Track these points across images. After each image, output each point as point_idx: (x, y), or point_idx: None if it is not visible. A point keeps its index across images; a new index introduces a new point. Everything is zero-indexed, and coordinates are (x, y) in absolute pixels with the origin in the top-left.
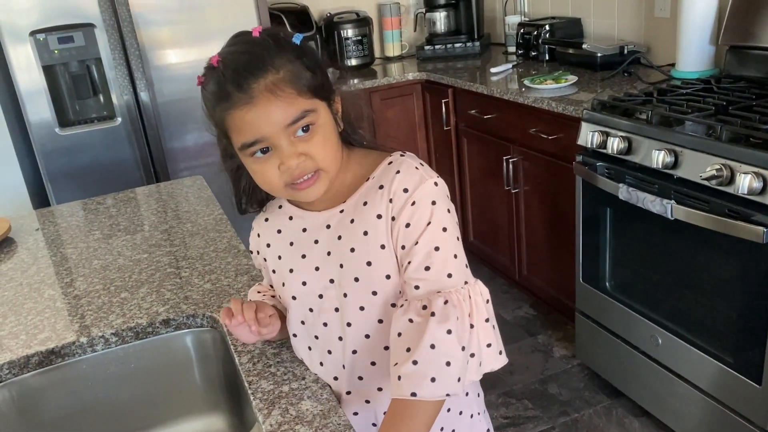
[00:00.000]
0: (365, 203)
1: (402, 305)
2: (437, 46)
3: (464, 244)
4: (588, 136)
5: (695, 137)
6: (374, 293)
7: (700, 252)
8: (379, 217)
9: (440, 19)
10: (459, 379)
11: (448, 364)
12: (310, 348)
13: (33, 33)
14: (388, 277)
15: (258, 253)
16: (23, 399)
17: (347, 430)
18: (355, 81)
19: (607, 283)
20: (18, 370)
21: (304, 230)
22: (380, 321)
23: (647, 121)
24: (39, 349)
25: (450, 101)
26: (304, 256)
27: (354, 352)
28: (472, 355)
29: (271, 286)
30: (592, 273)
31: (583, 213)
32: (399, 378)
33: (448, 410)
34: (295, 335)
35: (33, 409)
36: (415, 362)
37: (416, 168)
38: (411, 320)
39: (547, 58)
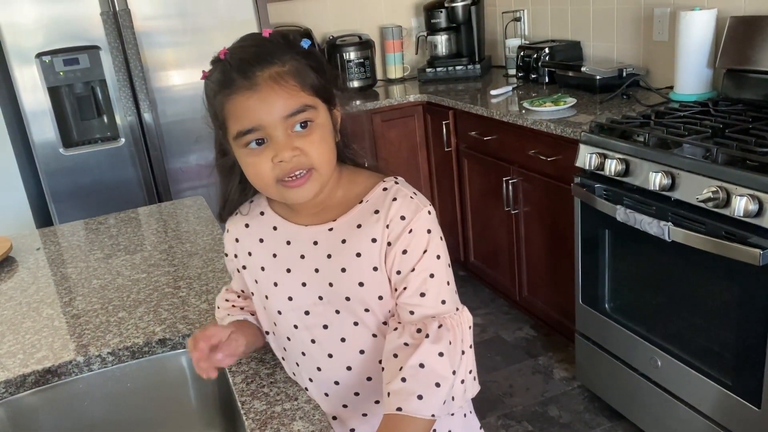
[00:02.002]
0: (359, 225)
1: (396, 328)
2: (438, 69)
3: (465, 265)
4: (586, 158)
5: (692, 160)
6: (366, 310)
7: (697, 274)
8: (374, 240)
9: (442, 42)
10: (444, 402)
11: (437, 384)
12: (298, 364)
13: (39, 55)
14: (380, 297)
15: (236, 257)
16: (19, 418)
17: None
18: (357, 102)
19: (606, 305)
20: (14, 389)
21: (288, 243)
22: (374, 335)
23: (645, 143)
24: (36, 368)
25: (451, 123)
26: (289, 270)
27: (348, 368)
28: (462, 381)
29: (242, 291)
30: (591, 294)
31: (582, 234)
32: (388, 394)
33: None
34: (285, 349)
35: (28, 428)
36: (403, 379)
37: (411, 197)
38: (406, 343)
39: (546, 80)
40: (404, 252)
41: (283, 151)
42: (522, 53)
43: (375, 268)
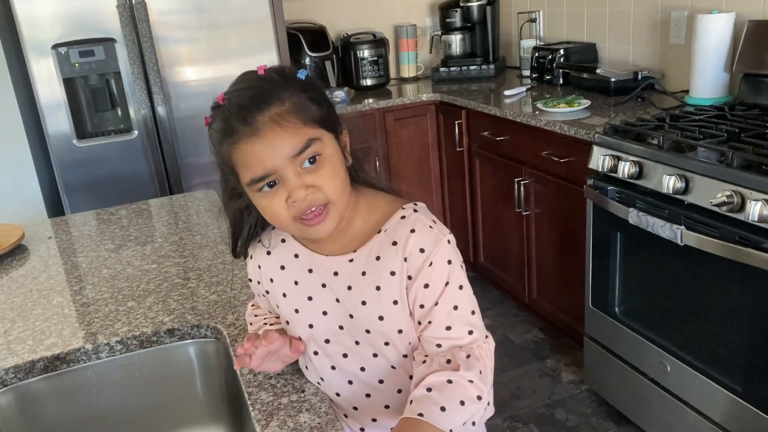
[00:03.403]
0: (378, 258)
1: (424, 361)
2: (452, 68)
3: (475, 266)
4: (599, 159)
5: (706, 163)
6: (386, 344)
7: (709, 279)
8: (393, 273)
9: (456, 41)
10: (464, 423)
11: (462, 403)
12: (322, 379)
13: (55, 46)
14: (400, 331)
15: (259, 283)
16: (27, 403)
17: None
18: (370, 100)
19: (616, 309)
20: (23, 374)
21: (310, 271)
22: (393, 367)
23: (659, 146)
24: (45, 354)
25: (463, 122)
26: (310, 298)
27: (367, 395)
28: (489, 404)
29: (270, 311)
30: (601, 298)
31: (593, 237)
32: (410, 402)
33: None
34: (307, 368)
35: (36, 413)
36: (429, 389)
37: (430, 227)
38: (435, 371)
39: (561, 82)
40: (426, 286)
41: (296, 192)
42: (537, 54)
43: (395, 302)
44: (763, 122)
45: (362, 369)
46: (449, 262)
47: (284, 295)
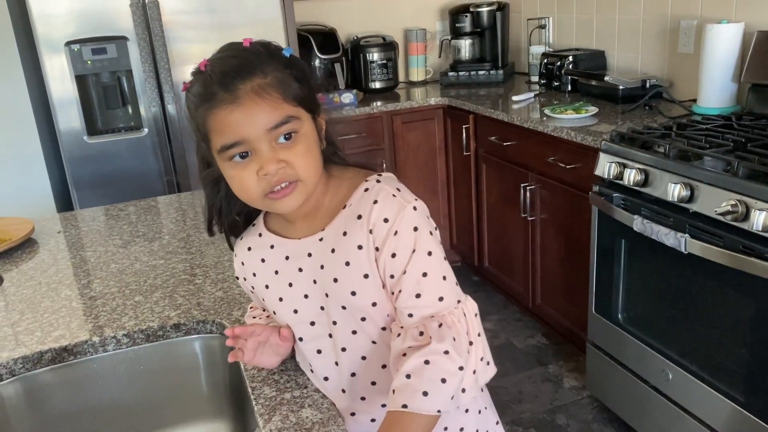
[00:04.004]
0: (345, 233)
1: (399, 334)
2: (461, 73)
3: (479, 270)
4: (605, 166)
5: (712, 172)
6: (363, 319)
7: (713, 287)
8: (360, 247)
9: (465, 46)
10: (453, 397)
11: (443, 380)
12: (312, 371)
13: (68, 43)
14: (374, 304)
15: (245, 279)
16: (34, 393)
17: None
18: (379, 103)
19: (619, 315)
20: (31, 365)
21: (287, 258)
22: (374, 342)
23: (665, 154)
24: (53, 345)
25: (471, 127)
26: (291, 285)
27: (353, 374)
28: (474, 372)
29: (264, 309)
30: (605, 304)
31: (598, 243)
32: (393, 392)
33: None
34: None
35: (43, 403)
36: (408, 376)
37: (393, 195)
38: (410, 347)
39: (569, 88)
40: (393, 255)
41: (268, 164)
42: (545, 60)
43: (366, 276)
44: None
45: (343, 349)
46: (415, 228)
47: (267, 287)
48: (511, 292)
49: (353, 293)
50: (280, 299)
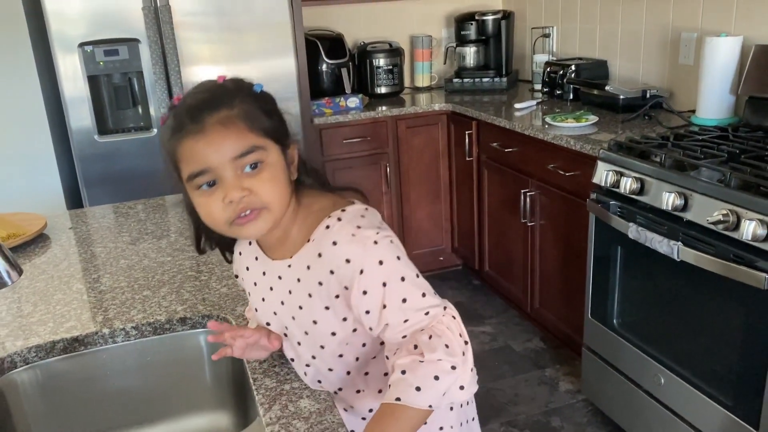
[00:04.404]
0: (308, 267)
1: (395, 353)
2: (465, 80)
3: (479, 274)
4: (603, 174)
5: (705, 182)
6: (321, 347)
7: (704, 295)
8: (321, 284)
9: (470, 53)
10: (444, 394)
11: (436, 378)
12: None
13: (81, 44)
14: (333, 334)
15: (236, 276)
16: (47, 381)
17: (340, 428)
18: (384, 108)
19: (614, 321)
20: (44, 354)
21: (264, 273)
22: (340, 356)
23: (661, 163)
24: (64, 336)
25: (474, 133)
26: (263, 300)
27: (319, 381)
28: (472, 369)
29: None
30: (600, 309)
31: (594, 250)
32: (389, 386)
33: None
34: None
35: (55, 391)
36: (403, 372)
37: (352, 234)
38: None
39: (571, 97)
40: (364, 293)
41: (233, 192)
42: (548, 69)
43: (327, 308)
44: (764, 144)
45: (314, 357)
46: (381, 262)
47: (249, 293)
48: (510, 296)
49: (315, 322)
50: (257, 309)
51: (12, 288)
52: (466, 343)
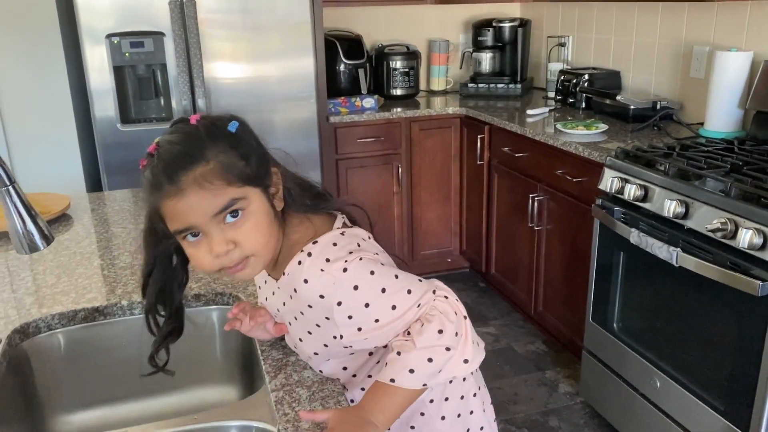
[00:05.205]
0: (291, 297)
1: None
2: (480, 85)
3: (486, 276)
4: (609, 181)
5: (706, 191)
6: (316, 354)
7: (701, 301)
8: (302, 313)
9: (486, 59)
10: (440, 371)
11: (429, 360)
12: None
13: (109, 36)
14: (326, 345)
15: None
16: (68, 346)
17: (339, 395)
18: (398, 109)
19: (615, 325)
20: (67, 321)
21: (274, 293)
22: (347, 349)
23: (664, 172)
24: (86, 306)
25: (486, 137)
26: (278, 310)
27: (344, 368)
28: (475, 343)
29: None
30: (601, 313)
31: (598, 254)
32: (386, 364)
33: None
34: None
35: (75, 356)
36: (398, 353)
37: (321, 270)
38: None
39: (583, 106)
40: (350, 317)
41: (218, 247)
42: (562, 77)
43: (318, 325)
44: (767, 158)
45: (328, 359)
46: (356, 287)
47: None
48: (515, 299)
49: (309, 333)
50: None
51: (38, 261)
52: (465, 318)
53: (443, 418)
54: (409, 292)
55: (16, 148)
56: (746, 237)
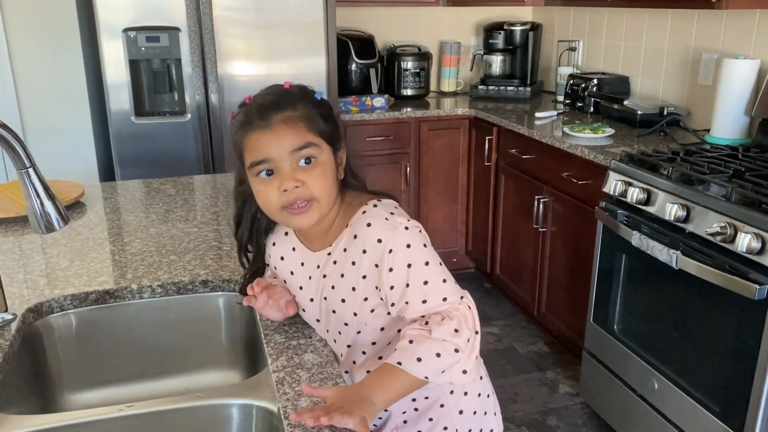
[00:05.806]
0: (345, 249)
1: (409, 323)
2: (490, 87)
3: (490, 277)
4: (612, 184)
5: (708, 195)
6: (345, 324)
7: (699, 303)
8: (354, 263)
9: (497, 62)
10: (443, 372)
11: (438, 355)
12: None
13: (125, 30)
14: (355, 314)
15: (268, 265)
16: (79, 327)
17: (338, 378)
18: (408, 109)
19: (615, 326)
20: (78, 303)
21: (302, 264)
22: (359, 332)
23: (667, 176)
24: (97, 288)
25: (494, 139)
26: (301, 288)
27: (348, 346)
28: (477, 358)
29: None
30: (602, 315)
31: (600, 256)
32: (395, 349)
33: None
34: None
35: (85, 336)
36: (411, 341)
37: (386, 218)
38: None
39: (591, 110)
40: (390, 270)
41: (287, 182)
42: (571, 81)
43: (353, 288)
44: None
45: (349, 346)
46: (408, 246)
47: (284, 281)
48: (518, 299)
49: (343, 300)
50: (294, 296)
51: (51, 245)
52: (476, 333)
53: (461, 412)
54: (444, 281)
55: (32, 138)
56: (745, 241)
